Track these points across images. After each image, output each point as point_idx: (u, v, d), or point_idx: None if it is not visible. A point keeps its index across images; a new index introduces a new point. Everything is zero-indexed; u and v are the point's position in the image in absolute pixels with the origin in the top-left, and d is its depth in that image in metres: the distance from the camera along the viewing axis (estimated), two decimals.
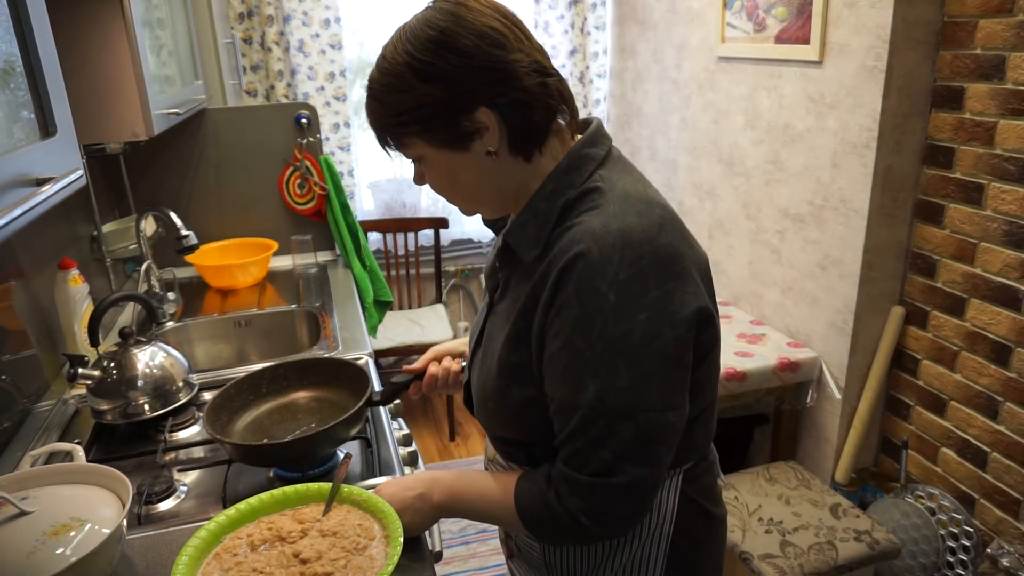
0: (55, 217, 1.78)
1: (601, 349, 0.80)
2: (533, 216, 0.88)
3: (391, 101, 0.84)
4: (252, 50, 2.98)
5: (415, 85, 0.82)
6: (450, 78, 0.81)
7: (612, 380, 0.80)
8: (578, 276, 0.80)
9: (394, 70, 0.82)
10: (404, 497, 1.00)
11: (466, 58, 0.80)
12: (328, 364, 1.41)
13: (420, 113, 0.83)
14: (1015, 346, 1.84)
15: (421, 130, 0.84)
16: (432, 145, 0.85)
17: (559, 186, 0.88)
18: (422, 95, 0.82)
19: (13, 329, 1.47)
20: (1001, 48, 1.78)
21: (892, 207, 2.08)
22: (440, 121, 0.83)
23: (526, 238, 0.88)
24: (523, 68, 0.83)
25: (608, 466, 0.82)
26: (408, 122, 0.84)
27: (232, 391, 1.31)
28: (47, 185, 0.84)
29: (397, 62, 0.82)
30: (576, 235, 0.82)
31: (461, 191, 0.91)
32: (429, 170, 0.89)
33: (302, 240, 2.45)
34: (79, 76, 1.46)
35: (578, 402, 0.81)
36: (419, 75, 0.81)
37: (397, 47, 0.83)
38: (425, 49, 0.81)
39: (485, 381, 0.95)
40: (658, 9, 3.01)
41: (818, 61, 2.15)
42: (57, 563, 0.88)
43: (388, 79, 0.83)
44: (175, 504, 1.21)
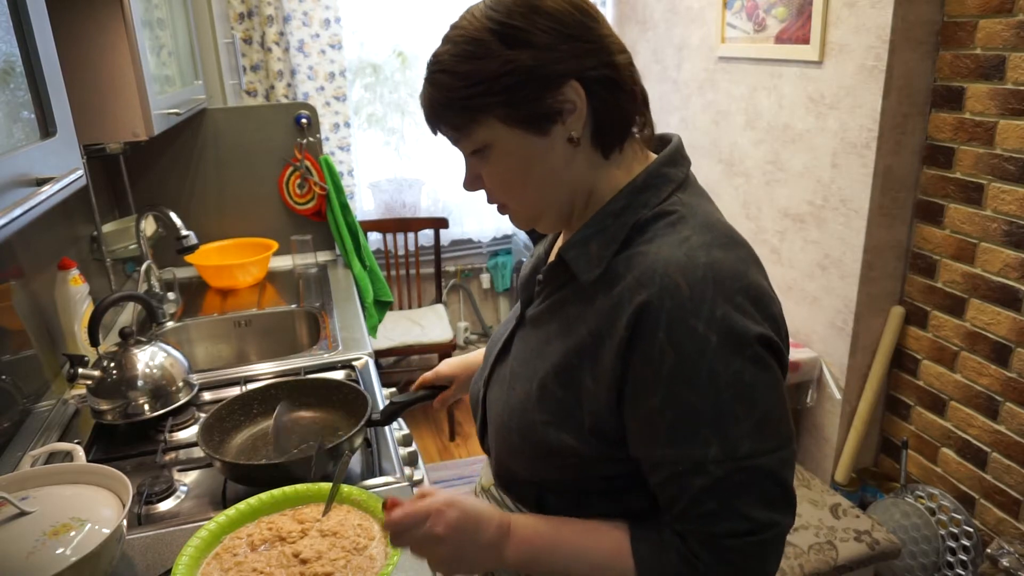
0: (55, 217, 1.78)
1: (714, 397, 0.69)
2: (598, 232, 0.77)
3: (468, 70, 0.73)
4: (252, 50, 2.98)
5: (499, 51, 0.72)
6: (540, 43, 0.72)
7: (736, 428, 0.70)
8: (668, 317, 0.69)
9: (473, 36, 0.73)
10: (472, 541, 0.78)
11: (557, 22, 0.72)
12: (323, 385, 1.41)
13: (503, 82, 0.72)
14: (1015, 346, 1.84)
15: (501, 103, 0.73)
16: (508, 125, 0.74)
17: (632, 204, 0.77)
18: (507, 61, 0.72)
19: (13, 329, 1.47)
20: (1001, 48, 1.78)
21: (892, 207, 2.08)
22: (525, 93, 0.73)
23: (586, 256, 0.77)
24: (615, 44, 0.76)
25: (755, 521, 0.71)
26: (486, 93, 0.73)
27: (223, 411, 1.32)
28: (47, 185, 0.84)
29: (477, 27, 0.73)
30: (655, 266, 0.71)
31: (531, 188, 0.79)
32: (496, 160, 0.77)
33: (302, 240, 2.45)
34: (79, 76, 1.46)
35: (700, 460, 0.70)
36: (505, 40, 0.72)
37: (476, 14, 0.74)
38: (512, 12, 0.72)
39: (514, 409, 0.84)
40: (658, 9, 3.01)
41: (818, 61, 2.15)
42: (57, 563, 0.88)
43: (464, 47, 0.73)
44: (175, 504, 1.21)
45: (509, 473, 0.90)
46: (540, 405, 0.80)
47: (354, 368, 1.68)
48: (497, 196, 0.81)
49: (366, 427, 1.23)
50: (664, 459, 0.72)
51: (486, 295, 3.67)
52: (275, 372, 1.67)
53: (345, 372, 1.68)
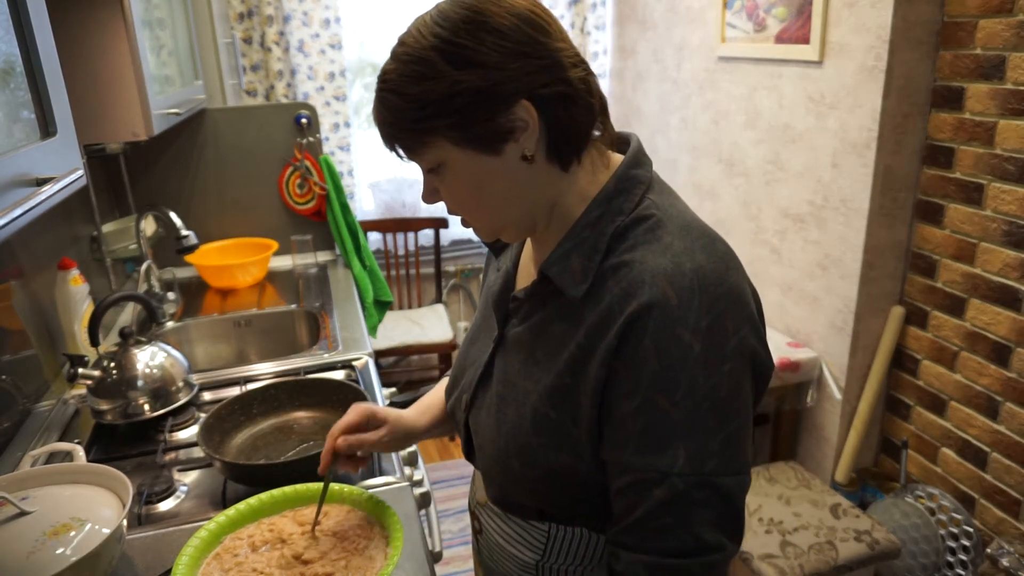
0: (55, 217, 1.78)
1: (690, 408, 0.68)
2: (577, 245, 0.76)
3: (416, 92, 0.70)
4: (252, 50, 2.98)
5: (446, 72, 0.69)
6: (488, 63, 0.69)
7: (705, 442, 0.69)
8: (655, 325, 0.68)
9: (420, 55, 0.70)
10: None
11: (506, 40, 0.70)
12: (323, 385, 1.41)
13: (451, 104, 0.70)
14: (1015, 346, 1.84)
15: (450, 126, 0.71)
16: (459, 146, 0.72)
17: (606, 212, 0.76)
18: (455, 83, 0.69)
19: (13, 329, 1.47)
20: (1001, 48, 1.78)
21: (892, 207, 2.08)
22: (474, 114, 0.71)
23: (570, 271, 0.75)
24: (568, 58, 0.73)
25: (704, 543, 0.69)
26: (434, 116, 0.71)
27: (223, 411, 1.32)
28: (47, 185, 0.84)
29: (423, 46, 0.70)
30: (643, 276, 0.70)
31: (486, 206, 0.77)
32: (450, 180, 0.76)
33: (302, 240, 2.45)
34: (79, 76, 1.46)
35: (665, 471, 0.69)
36: (452, 60, 0.69)
37: (422, 30, 0.71)
38: (459, 29, 0.69)
39: (509, 434, 0.81)
40: (658, 9, 3.00)
41: (818, 61, 2.15)
42: (57, 563, 0.88)
43: (412, 67, 0.70)
44: (175, 504, 1.21)
45: (509, 496, 0.88)
46: (536, 428, 0.78)
47: (354, 368, 1.68)
48: (455, 211, 0.80)
49: None
50: (630, 466, 0.71)
51: None
52: (275, 372, 1.67)
53: (345, 372, 1.68)
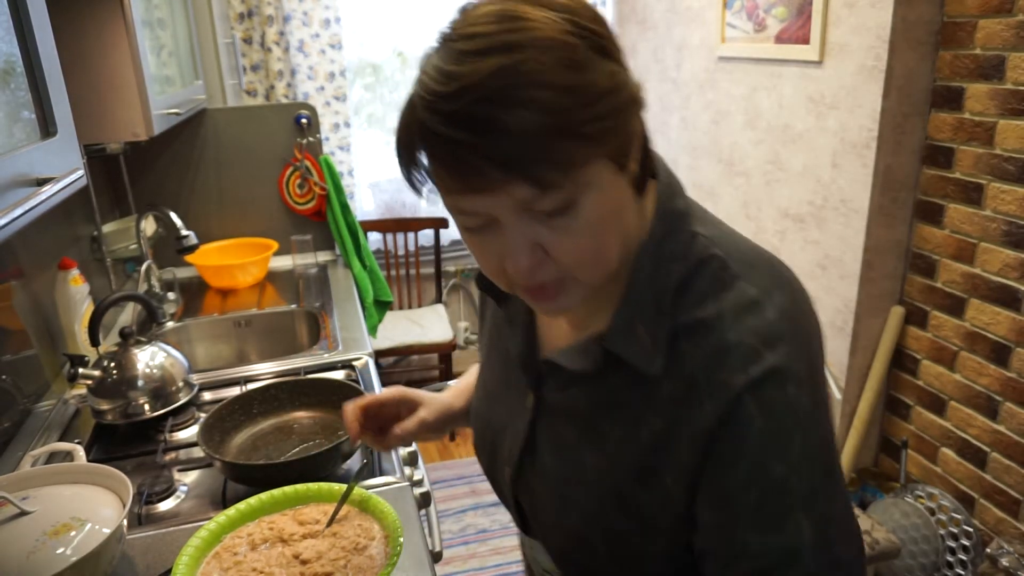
0: (55, 217, 1.78)
1: (808, 471, 0.58)
2: (638, 311, 0.64)
3: (575, 83, 0.53)
4: (252, 50, 2.98)
5: (598, 62, 0.56)
6: (619, 58, 0.58)
7: (828, 507, 0.59)
8: (759, 393, 0.59)
9: (563, 39, 0.54)
10: None
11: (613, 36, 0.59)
12: (323, 385, 1.41)
13: (616, 100, 0.56)
14: (1015, 346, 1.84)
15: (614, 130, 0.56)
16: (614, 160, 0.58)
17: (660, 261, 0.64)
18: (612, 74, 0.56)
19: (13, 329, 1.47)
20: (1001, 48, 1.78)
21: (892, 207, 2.08)
22: (626, 116, 0.58)
23: (639, 344, 0.63)
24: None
25: None
26: (604, 115, 0.55)
27: (224, 411, 1.32)
28: (47, 185, 0.84)
29: (560, 29, 0.55)
30: (729, 340, 0.60)
31: (615, 247, 0.62)
32: (588, 214, 0.57)
33: (302, 240, 2.45)
34: (79, 76, 1.46)
35: (795, 549, 0.58)
36: (595, 48, 0.56)
37: (539, 13, 0.55)
38: (581, 13, 0.57)
39: (590, 517, 0.70)
40: (658, 9, 3.01)
41: (818, 61, 2.15)
42: (57, 563, 0.88)
43: (559, 53, 0.54)
44: (175, 504, 1.21)
45: (587, 571, 0.76)
46: (622, 512, 0.68)
47: (354, 368, 1.68)
48: (567, 268, 0.60)
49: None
50: (747, 550, 0.59)
51: None
52: (275, 372, 1.67)
53: (345, 372, 1.68)
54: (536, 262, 0.59)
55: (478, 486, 2.85)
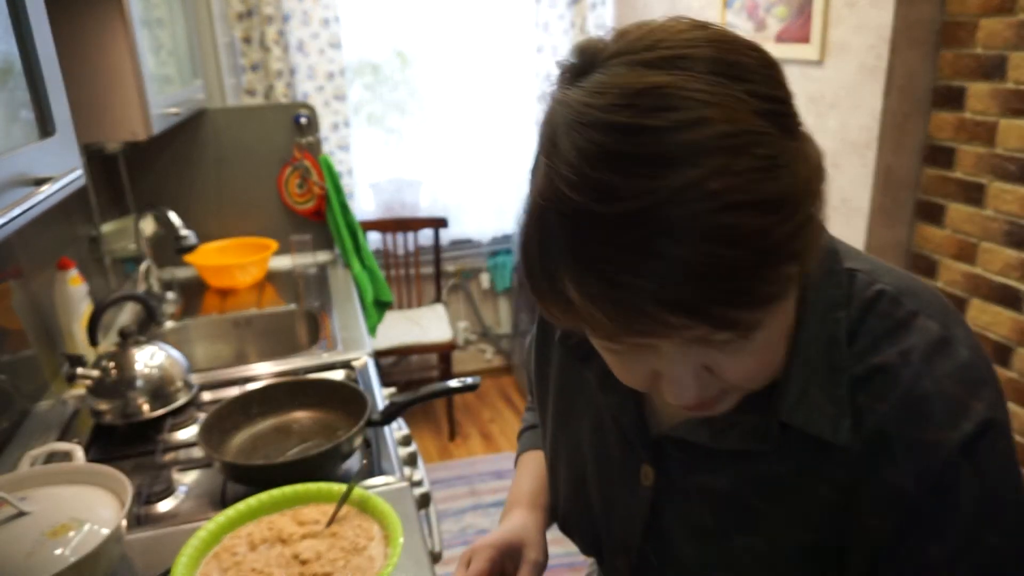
0: (54, 217, 1.77)
1: (1020, 535, 0.53)
2: (811, 375, 0.55)
3: (778, 193, 0.43)
4: (251, 50, 2.97)
5: (789, 147, 0.46)
6: (801, 125, 0.50)
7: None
8: (972, 450, 0.51)
9: (751, 127, 0.43)
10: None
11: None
12: (322, 385, 1.41)
13: (817, 188, 0.47)
14: (1016, 346, 1.84)
15: (815, 228, 0.47)
16: (806, 262, 0.48)
17: (825, 312, 0.56)
18: (806, 158, 0.47)
19: (12, 329, 1.47)
20: (1002, 48, 1.78)
21: (893, 207, 2.08)
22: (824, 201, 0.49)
23: (819, 410, 0.55)
24: None
25: None
26: (807, 220, 0.46)
27: (223, 411, 1.31)
28: (46, 185, 0.84)
29: (742, 109, 0.44)
30: (920, 387, 0.52)
31: (783, 346, 0.54)
32: (768, 330, 0.49)
33: (301, 240, 2.45)
34: (78, 76, 1.46)
35: None
36: (780, 124, 0.46)
37: (704, 79, 0.44)
38: (754, 71, 0.46)
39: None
40: (658, 9, 3.00)
41: (818, 61, 2.15)
42: (56, 563, 0.87)
43: (756, 151, 0.43)
44: (174, 504, 1.21)
45: None
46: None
47: (353, 368, 1.68)
48: (735, 385, 0.53)
49: (365, 427, 1.22)
50: None
51: (486, 295, 3.67)
52: (275, 372, 1.67)
53: (345, 372, 1.68)
54: (702, 385, 0.51)
55: (478, 486, 2.85)
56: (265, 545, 0.96)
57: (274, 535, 0.98)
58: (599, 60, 0.47)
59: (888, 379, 0.53)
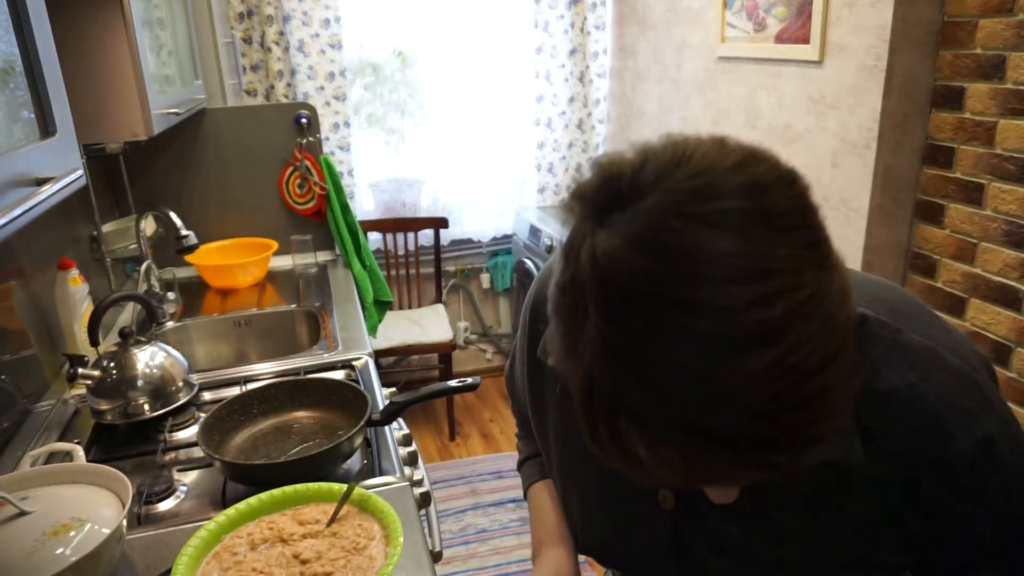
0: (55, 217, 1.78)
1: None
2: None
3: (833, 344, 0.44)
4: (252, 50, 2.97)
5: (828, 285, 0.45)
6: (830, 246, 0.49)
7: None
8: (986, 457, 0.56)
9: (806, 290, 0.43)
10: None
11: None
12: (323, 385, 1.41)
13: (848, 315, 0.47)
14: (1015, 346, 1.84)
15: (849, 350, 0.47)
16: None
17: None
18: (843, 286, 0.47)
19: (13, 329, 1.47)
20: (1001, 48, 1.78)
21: (892, 207, 2.08)
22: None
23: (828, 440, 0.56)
24: None
25: None
26: (850, 353, 0.46)
27: (223, 411, 1.31)
28: (47, 185, 0.84)
29: (802, 270, 0.43)
30: (939, 405, 0.55)
31: None
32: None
33: (302, 240, 2.45)
34: (79, 76, 1.46)
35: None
36: (823, 263, 0.45)
37: (755, 237, 0.43)
38: (798, 212, 0.46)
39: None
40: (658, 9, 3.00)
41: (818, 61, 2.15)
42: (57, 563, 0.88)
43: (815, 314, 0.43)
44: (175, 504, 1.21)
45: None
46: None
47: (354, 368, 1.68)
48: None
49: (366, 427, 1.22)
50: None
51: (486, 295, 3.67)
52: (275, 372, 1.67)
53: (345, 372, 1.68)
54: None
55: (478, 486, 2.85)
56: (265, 545, 0.97)
57: (274, 535, 0.98)
58: (637, 196, 0.45)
59: (895, 403, 0.56)
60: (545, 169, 3.49)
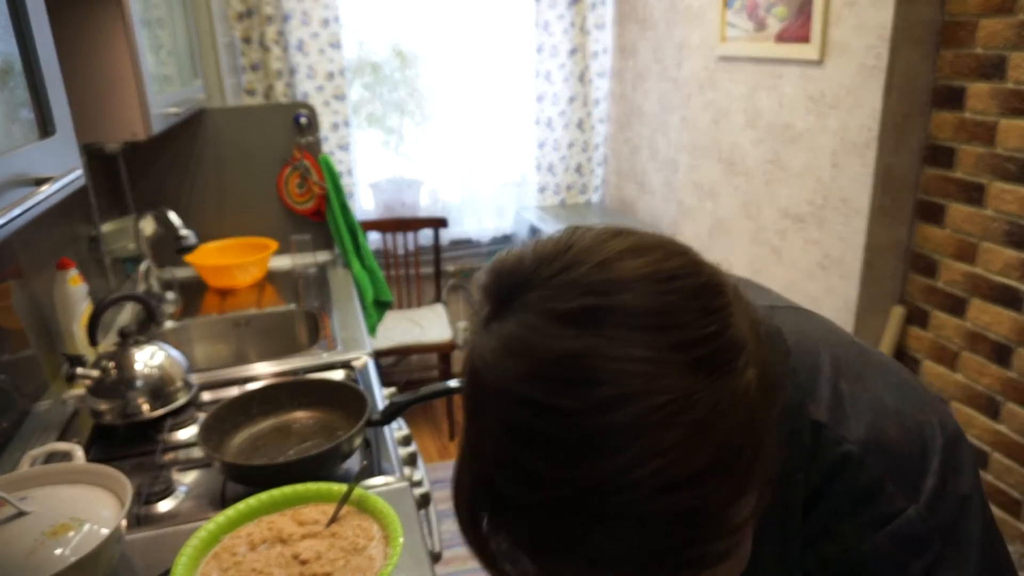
0: (54, 217, 1.77)
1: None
2: (763, 538, 0.56)
3: (706, 457, 0.41)
4: (251, 49, 2.97)
5: (719, 394, 0.42)
6: (744, 351, 0.47)
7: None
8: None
9: (668, 394, 0.40)
10: None
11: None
12: (322, 385, 1.41)
13: (758, 426, 0.45)
14: (1016, 346, 1.84)
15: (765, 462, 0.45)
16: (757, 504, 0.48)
17: (785, 471, 0.56)
18: (746, 390, 0.44)
19: (12, 329, 1.47)
20: (1002, 47, 1.78)
21: (893, 207, 2.08)
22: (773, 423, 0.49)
23: (767, 570, 0.58)
24: None
25: None
26: (751, 466, 0.44)
27: (223, 411, 1.31)
28: (46, 185, 0.83)
29: (665, 373, 0.41)
30: (878, 545, 0.53)
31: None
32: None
33: (301, 240, 2.45)
34: (78, 75, 1.46)
35: None
36: (712, 369, 0.42)
37: (628, 338, 0.41)
38: (695, 312, 0.44)
39: None
40: (658, 8, 3.00)
41: (818, 60, 2.15)
42: (56, 563, 0.87)
43: (678, 421, 0.40)
44: (174, 504, 1.21)
45: None
46: None
47: (353, 368, 1.68)
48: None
49: (365, 427, 1.22)
50: None
51: None
52: (274, 372, 1.66)
53: (344, 372, 1.67)
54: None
55: None
56: (265, 545, 0.96)
57: (274, 535, 0.98)
58: (515, 295, 0.44)
59: (840, 551, 0.52)
60: (545, 169, 3.49)
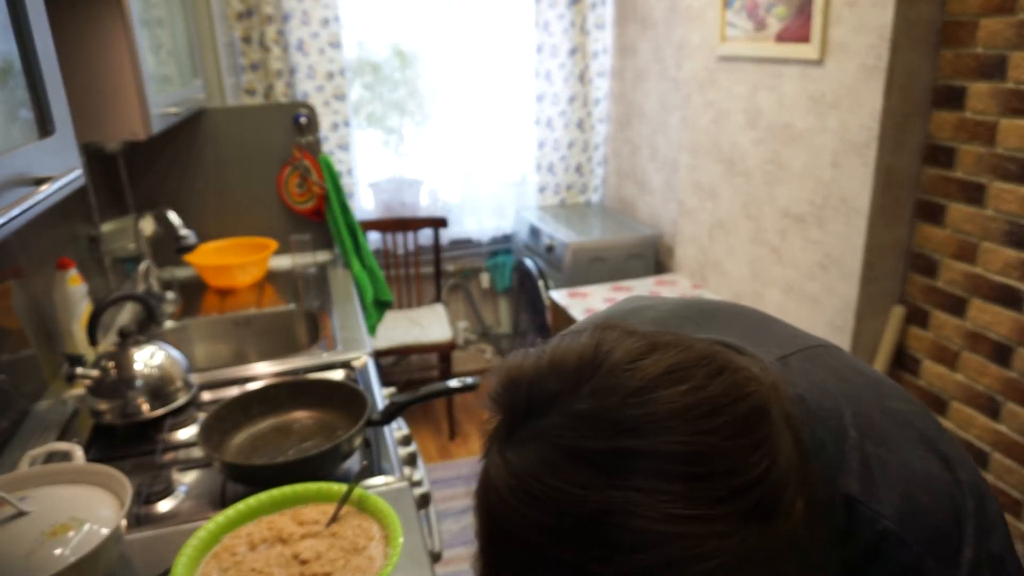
0: (54, 217, 1.77)
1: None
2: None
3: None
4: (251, 49, 2.97)
5: (767, 539, 0.42)
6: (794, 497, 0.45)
7: None
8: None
9: (706, 562, 0.38)
10: None
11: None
12: (322, 385, 1.41)
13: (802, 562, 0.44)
14: (1016, 346, 1.84)
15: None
16: None
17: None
18: (794, 533, 0.43)
19: (12, 329, 1.47)
20: (1002, 47, 1.78)
21: (893, 207, 2.07)
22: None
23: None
24: None
25: None
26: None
27: (223, 411, 1.31)
28: (45, 185, 0.83)
29: (706, 533, 0.38)
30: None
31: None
32: None
33: (301, 240, 2.45)
34: (78, 75, 1.46)
35: None
36: (756, 516, 0.41)
37: (665, 492, 0.38)
38: (739, 452, 0.41)
39: None
40: (658, 8, 3.00)
41: (818, 60, 2.15)
42: (56, 563, 0.87)
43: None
44: (174, 504, 1.21)
45: None
46: None
47: (353, 368, 1.68)
48: None
49: (365, 427, 1.22)
50: None
51: (485, 295, 3.67)
52: (274, 372, 1.66)
53: (344, 372, 1.67)
54: None
55: None
56: (265, 545, 0.96)
57: (274, 535, 0.98)
58: (534, 414, 0.41)
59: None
60: (545, 169, 3.49)
